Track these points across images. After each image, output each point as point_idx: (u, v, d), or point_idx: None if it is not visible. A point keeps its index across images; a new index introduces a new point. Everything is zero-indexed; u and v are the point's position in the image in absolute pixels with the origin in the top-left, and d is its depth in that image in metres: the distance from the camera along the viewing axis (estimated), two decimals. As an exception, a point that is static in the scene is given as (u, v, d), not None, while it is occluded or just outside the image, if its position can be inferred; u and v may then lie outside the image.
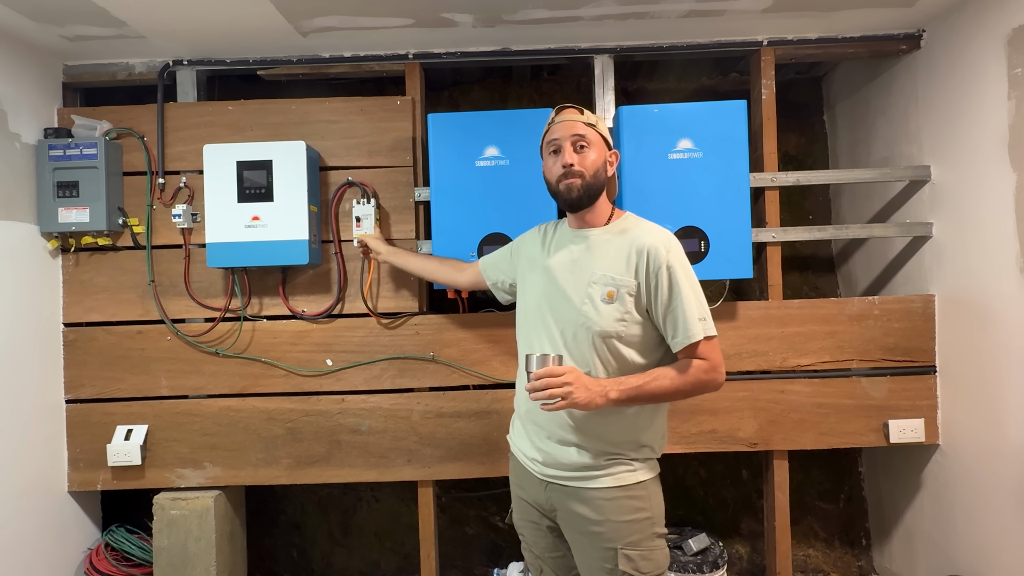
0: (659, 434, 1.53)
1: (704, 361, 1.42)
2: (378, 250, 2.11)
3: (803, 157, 2.96)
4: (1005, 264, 1.99)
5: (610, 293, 1.43)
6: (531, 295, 1.56)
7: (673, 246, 1.46)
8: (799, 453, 2.69)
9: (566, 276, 1.50)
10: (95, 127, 2.29)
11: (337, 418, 2.31)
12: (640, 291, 1.43)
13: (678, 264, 1.43)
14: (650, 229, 1.49)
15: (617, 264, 1.45)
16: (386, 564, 2.79)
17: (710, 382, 1.42)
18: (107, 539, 2.37)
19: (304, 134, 2.30)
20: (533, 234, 1.69)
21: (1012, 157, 1.96)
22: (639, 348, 1.46)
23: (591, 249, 1.49)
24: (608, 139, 1.55)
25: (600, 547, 1.45)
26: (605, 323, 1.42)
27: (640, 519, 1.46)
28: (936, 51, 2.28)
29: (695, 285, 1.45)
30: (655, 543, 1.48)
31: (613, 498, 1.45)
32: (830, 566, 2.76)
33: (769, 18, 2.22)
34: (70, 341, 2.32)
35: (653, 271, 1.42)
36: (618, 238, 1.49)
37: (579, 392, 1.33)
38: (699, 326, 1.40)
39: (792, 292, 2.86)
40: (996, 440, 2.05)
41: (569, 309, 1.46)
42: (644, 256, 1.43)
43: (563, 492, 1.49)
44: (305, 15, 2.08)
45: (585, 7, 2.07)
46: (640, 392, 1.39)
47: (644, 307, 1.44)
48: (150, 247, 2.31)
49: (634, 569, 1.43)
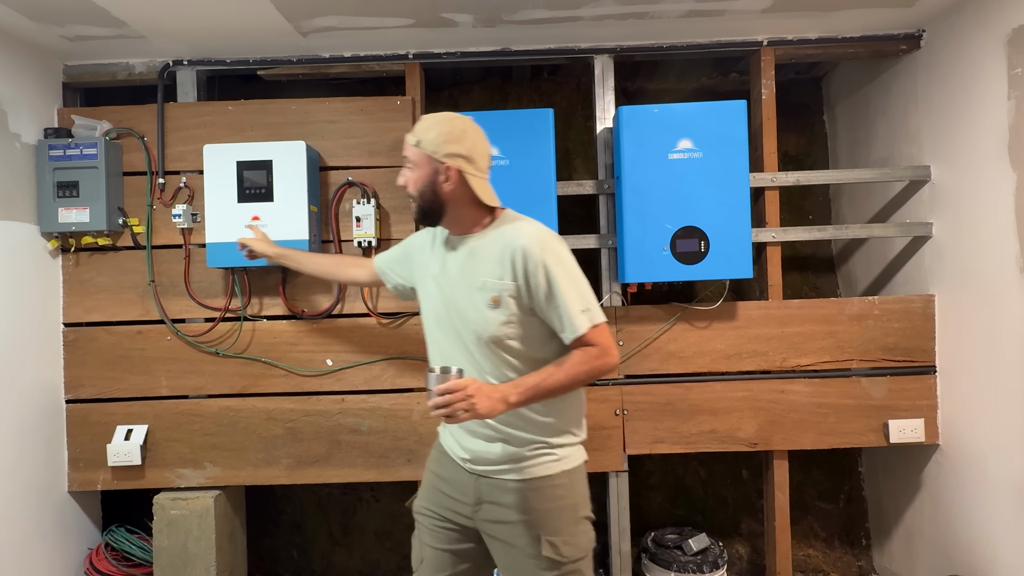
0: (577, 419, 1.57)
1: (594, 347, 1.44)
2: (265, 253, 1.99)
3: (803, 157, 2.96)
4: (1005, 264, 1.99)
5: (494, 299, 1.44)
6: (428, 306, 1.58)
7: (548, 242, 1.45)
8: (799, 453, 2.69)
9: (453, 285, 1.51)
10: (95, 127, 2.29)
11: (337, 418, 2.31)
12: (521, 292, 1.44)
13: (553, 260, 1.43)
14: (524, 229, 1.47)
15: (496, 269, 1.45)
16: (386, 564, 2.79)
17: (602, 366, 1.46)
18: (107, 539, 2.37)
19: (304, 134, 2.30)
20: (423, 239, 1.68)
21: (1012, 157, 1.96)
22: (532, 345, 1.49)
23: (472, 256, 1.50)
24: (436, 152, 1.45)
25: (524, 535, 1.49)
26: (493, 328, 1.45)
27: (563, 506, 1.50)
28: (936, 51, 2.28)
29: (574, 277, 1.46)
30: (579, 528, 1.51)
31: (538, 488, 1.49)
32: (830, 566, 2.76)
33: (769, 18, 2.22)
34: (70, 341, 2.32)
35: (531, 271, 1.42)
36: (496, 242, 1.48)
37: (481, 402, 1.36)
38: (582, 318, 1.42)
39: (792, 292, 2.86)
40: (996, 440, 2.05)
41: (460, 318, 1.49)
42: (520, 257, 1.43)
43: (492, 485, 1.53)
44: (305, 15, 2.08)
45: (585, 7, 2.07)
46: (538, 390, 1.42)
47: (528, 306, 1.46)
48: (150, 247, 2.32)
49: (557, 554, 1.46)
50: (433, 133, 1.46)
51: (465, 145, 1.46)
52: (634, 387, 2.32)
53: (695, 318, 2.32)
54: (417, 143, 1.47)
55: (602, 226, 2.38)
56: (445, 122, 1.47)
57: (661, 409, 2.31)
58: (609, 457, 2.32)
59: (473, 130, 1.49)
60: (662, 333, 2.32)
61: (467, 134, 1.47)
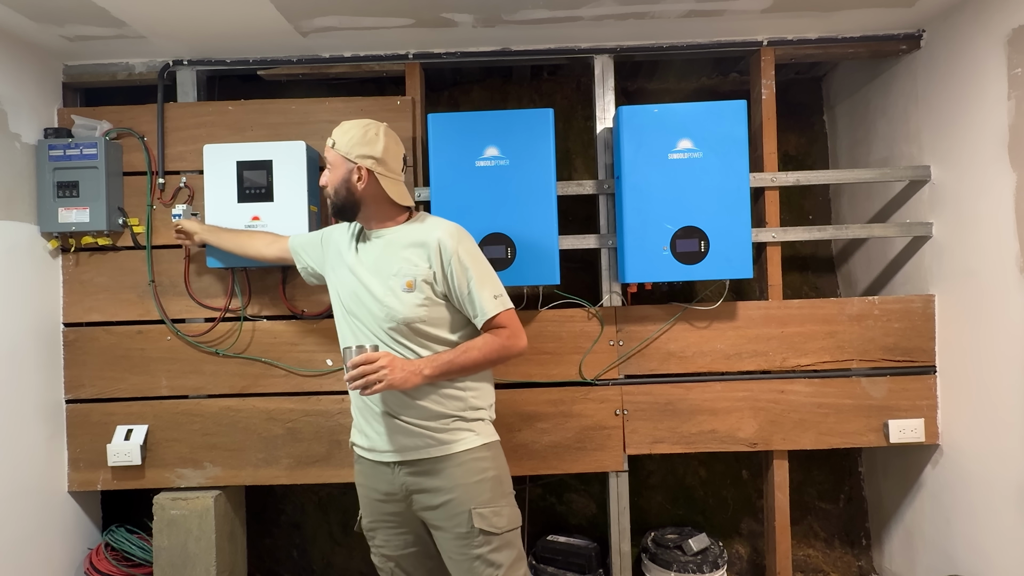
0: (488, 399, 1.68)
1: (504, 329, 1.59)
2: (194, 230, 2.10)
3: (803, 157, 2.96)
4: (1005, 264, 1.99)
5: (408, 283, 1.56)
6: (344, 293, 1.67)
7: (462, 237, 1.60)
8: (799, 453, 2.69)
9: (369, 273, 1.62)
10: (95, 127, 2.29)
11: (337, 418, 2.31)
12: (436, 278, 1.57)
13: (465, 252, 1.57)
14: (440, 224, 1.63)
15: (412, 256, 1.58)
16: (386, 564, 2.79)
17: (512, 346, 1.59)
18: (107, 539, 2.37)
19: (304, 134, 2.30)
20: (342, 231, 1.77)
21: (1012, 157, 1.96)
22: (446, 328, 1.61)
23: (388, 246, 1.63)
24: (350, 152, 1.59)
25: (454, 514, 1.56)
26: (407, 310, 1.55)
27: (488, 478, 1.59)
28: (936, 51, 2.28)
29: (484, 268, 1.61)
30: (506, 500, 1.62)
31: (461, 463, 1.57)
32: (830, 566, 2.76)
33: (769, 18, 2.22)
34: (70, 341, 2.32)
35: (446, 261, 1.56)
36: (412, 235, 1.62)
37: (394, 373, 1.47)
38: (493, 303, 1.57)
39: (792, 292, 2.86)
40: (996, 440, 2.05)
41: (375, 303, 1.58)
42: (436, 248, 1.56)
43: (413, 471, 1.59)
44: (305, 15, 2.08)
45: (585, 7, 2.07)
46: (452, 365, 1.55)
47: (442, 292, 1.59)
48: (150, 247, 2.32)
49: (489, 526, 1.55)
50: (347, 136, 1.60)
51: (377, 148, 1.60)
52: (634, 387, 2.32)
53: (695, 318, 2.32)
54: (333, 145, 1.62)
55: (602, 226, 2.38)
56: (359, 127, 1.61)
57: (661, 409, 2.31)
58: (609, 457, 2.32)
59: (386, 135, 1.63)
60: (662, 333, 2.32)
61: (379, 138, 1.61)
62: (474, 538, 1.55)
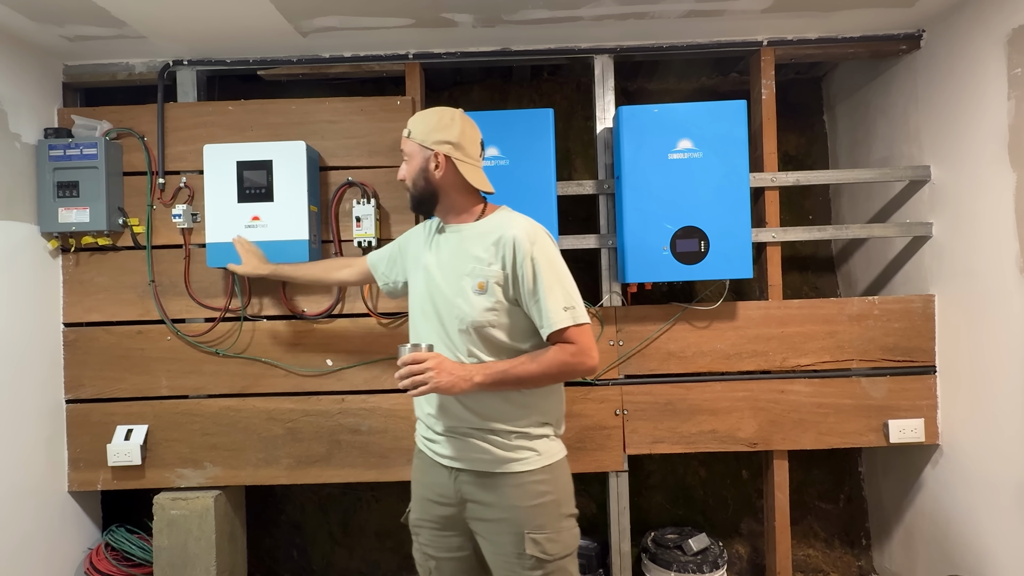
0: (557, 414, 1.58)
1: (571, 345, 1.45)
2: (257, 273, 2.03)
3: (803, 157, 2.96)
4: (1005, 264, 1.99)
5: (480, 284, 1.47)
6: (416, 293, 1.61)
7: (539, 238, 1.48)
8: (799, 453, 2.69)
9: (442, 271, 1.55)
10: (95, 127, 2.29)
11: (337, 418, 2.31)
12: (507, 281, 1.47)
13: (541, 255, 1.46)
14: (518, 221, 1.51)
15: (485, 255, 1.49)
16: (386, 564, 2.79)
17: (577, 365, 1.45)
18: (107, 539, 2.37)
19: (304, 134, 2.30)
20: (418, 231, 1.72)
21: (1012, 157, 1.96)
22: (515, 335, 1.50)
23: (462, 243, 1.54)
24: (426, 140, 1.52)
25: (508, 533, 1.48)
26: (476, 313, 1.47)
27: (546, 503, 1.49)
28: (936, 51, 2.28)
29: (561, 275, 1.48)
30: (563, 524, 1.51)
31: (519, 484, 1.48)
32: (830, 566, 2.76)
33: (769, 18, 2.22)
34: (70, 341, 2.32)
35: (519, 262, 1.45)
36: (487, 231, 1.52)
37: (441, 376, 1.38)
38: (564, 315, 1.43)
39: (792, 292, 2.86)
40: (996, 440, 2.05)
41: (445, 303, 1.51)
42: (510, 247, 1.46)
43: (471, 482, 1.52)
44: (305, 15, 2.08)
45: (585, 7, 2.07)
46: (506, 376, 1.43)
47: (512, 296, 1.48)
48: (150, 247, 2.32)
49: (541, 552, 1.46)
50: (424, 124, 1.54)
51: (453, 132, 1.52)
52: (634, 387, 2.32)
53: (695, 318, 2.32)
54: (408, 134, 1.55)
55: (602, 226, 2.38)
56: (435, 113, 1.55)
57: (661, 409, 2.31)
58: (609, 457, 2.32)
59: (462, 119, 1.55)
60: (662, 333, 2.32)
61: (455, 122, 1.54)
62: (525, 560, 1.46)
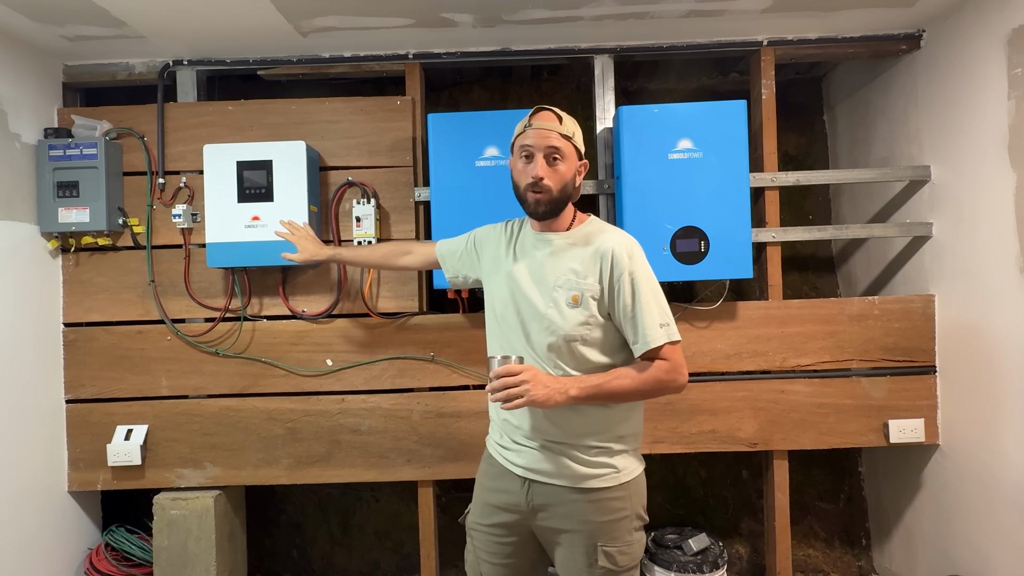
0: (638, 428, 1.56)
1: (665, 361, 1.43)
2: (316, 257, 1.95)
3: (803, 157, 2.96)
4: (1005, 264, 1.99)
5: (575, 297, 1.44)
6: (498, 299, 1.56)
7: (636, 252, 1.47)
8: (799, 453, 2.69)
9: (531, 281, 1.50)
10: (95, 127, 2.29)
11: (337, 418, 2.31)
12: (603, 295, 1.44)
13: (640, 271, 1.44)
14: (614, 234, 1.49)
15: (581, 268, 1.46)
16: (386, 564, 2.79)
17: (670, 382, 1.43)
18: (107, 539, 2.37)
19: (304, 134, 2.30)
20: (497, 232, 1.67)
21: (1012, 157, 1.96)
22: (604, 350, 1.48)
23: (555, 254, 1.50)
24: (581, 149, 1.52)
25: (581, 544, 1.47)
26: (569, 327, 1.44)
27: (621, 518, 1.48)
28: (936, 51, 2.28)
29: (656, 291, 1.47)
30: (634, 536, 1.50)
31: (596, 500, 1.46)
32: (830, 566, 2.76)
33: (769, 18, 2.22)
34: (70, 341, 2.32)
35: (616, 277, 1.43)
36: (582, 243, 1.49)
37: (536, 389, 1.35)
38: (659, 332, 1.42)
39: (792, 292, 2.86)
40: (996, 440, 2.05)
41: (534, 314, 1.48)
42: (608, 261, 1.44)
43: (545, 493, 1.50)
44: (305, 15, 2.08)
45: (585, 7, 2.07)
46: (600, 390, 1.41)
47: (607, 311, 1.46)
48: (150, 247, 2.32)
49: (612, 564, 1.46)
50: (577, 130, 1.52)
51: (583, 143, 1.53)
52: (634, 387, 2.32)
53: (695, 318, 2.32)
54: (571, 136, 1.49)
55: (602, 226, 2.38)
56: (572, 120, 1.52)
57: (661, 409, 2.31)
58: (609, 457, 2.31)
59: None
60: (662, 333, 2.31)
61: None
62: (595, 569, 1.46)
